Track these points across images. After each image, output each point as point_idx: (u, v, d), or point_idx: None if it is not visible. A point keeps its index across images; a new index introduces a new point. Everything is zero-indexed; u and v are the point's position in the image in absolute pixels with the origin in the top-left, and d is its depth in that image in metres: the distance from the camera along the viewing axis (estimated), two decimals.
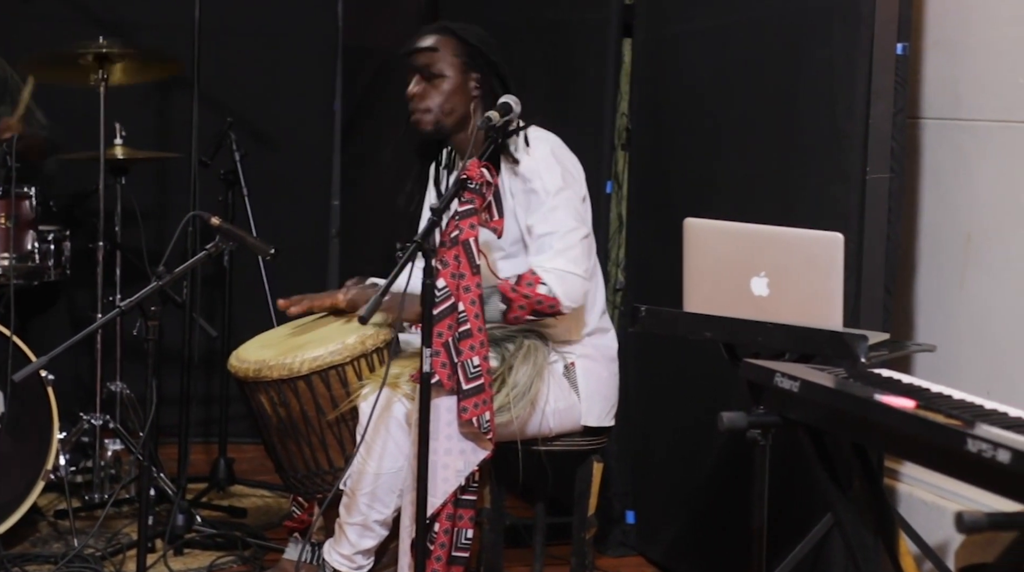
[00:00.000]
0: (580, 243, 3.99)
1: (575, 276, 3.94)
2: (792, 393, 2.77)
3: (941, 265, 4.49)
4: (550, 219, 3.98)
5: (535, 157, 4.02)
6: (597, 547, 4.80)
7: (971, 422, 2.40)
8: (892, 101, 3.98)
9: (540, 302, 3.92)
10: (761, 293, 3.57)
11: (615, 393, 4.23)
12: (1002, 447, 2.25)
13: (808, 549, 3.95)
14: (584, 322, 4.15)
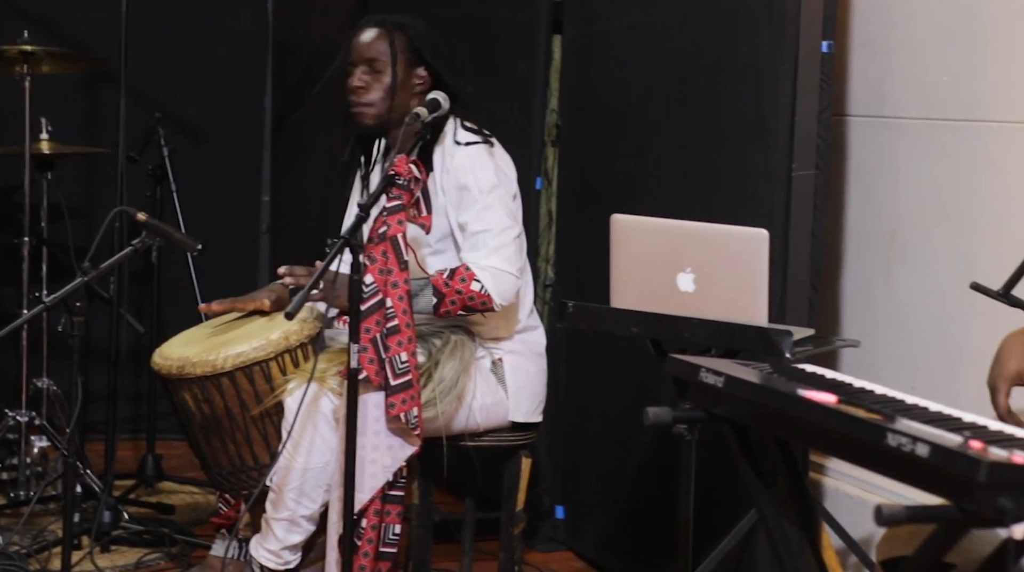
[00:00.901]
0: (513, 242, 3.99)
1: (508, 274, 3.95)
2: (717, 388, 2.78)
3: (866, 261, 4.53)
4: (484, 217, 3.98)
5: (469, 153, 4.02)
6: (526, 542, 4.81)
7: (891, 416, 2.42)
8: (818, 99, 4.01)
9: (472, 298, 3.92)
10: (687, 289, 3.59)
11: (543, 389, 4.23)
12: (921, 441, 2.26)
13: (734, 543, 3.98)
14: (513, 320, 4.16)
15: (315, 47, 6.20)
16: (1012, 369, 2.95)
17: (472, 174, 4.00)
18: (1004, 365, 2.96)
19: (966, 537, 2.65)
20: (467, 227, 3.99)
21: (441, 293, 3.89)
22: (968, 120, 4.13)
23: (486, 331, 4.14)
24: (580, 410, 4.90)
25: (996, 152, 4.04)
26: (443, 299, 3.90)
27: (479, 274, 3.92)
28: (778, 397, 2.64)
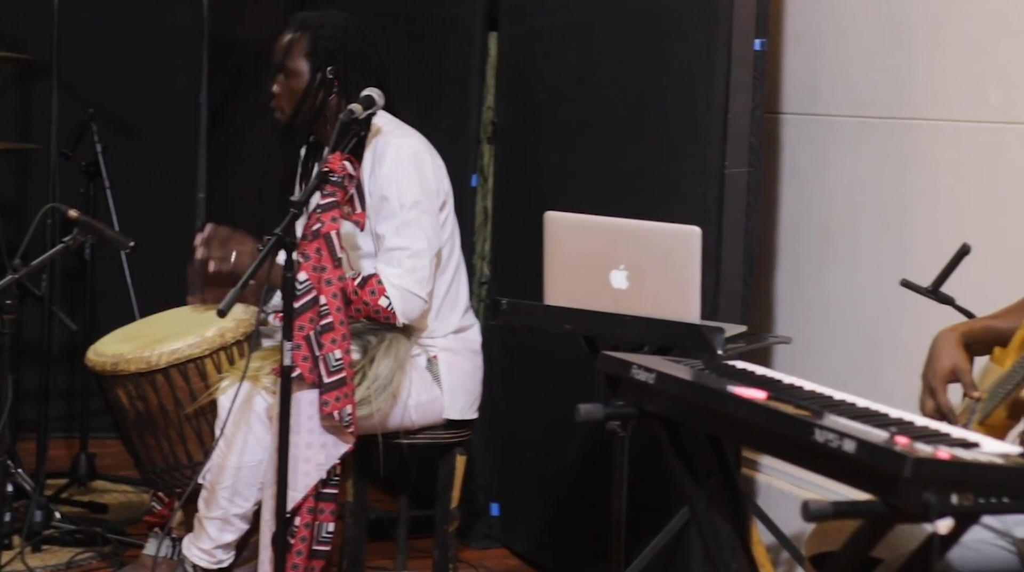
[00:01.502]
0: (429, 264, 3.99)
1: (418, 298, 3.96)
2: (648, 385, 2.78)
3: (800, 258, 4.56)
4: (403, 234, 3.97)
5: (394, 163, 4.00)
6: (461, 539, 4.81)
7: (819, 412, 2.43)
8: (751, 96, 4.03)
9: (378, 312, 3.93)
10: (620, 286, 3.60)
11: (478, 386, 4.23)
12: (848, 437, 2.27)
13: (667, 539, 3.99)
14: (448, 319, 4.15)
15: (251, 43, 6.17)
16: (946, 367, 2.97)
17: (395, 186, 3.98)
18: (938, 364, 2.99)
19: (893, 532, 2.68)
20: (384, 240, 3.98)
21: (349, 300, 3.89)
22: (899, 118, 4.16)
23: (421, 329, 4.14)
24: (515, 407, 4.90)
25: (926, 150, 4.08)
26: (349, 305, 3.90)
27: (390, 291, 3.91)
28: (708, 394, 2.65)
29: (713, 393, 2.63)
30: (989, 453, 2.29)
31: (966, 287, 3.59)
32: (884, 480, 2.22)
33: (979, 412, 2.90)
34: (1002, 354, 2.94)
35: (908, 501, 2.18)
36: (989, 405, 2.86)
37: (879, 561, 2.78)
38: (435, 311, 4.11)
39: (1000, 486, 2.23)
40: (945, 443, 2.31)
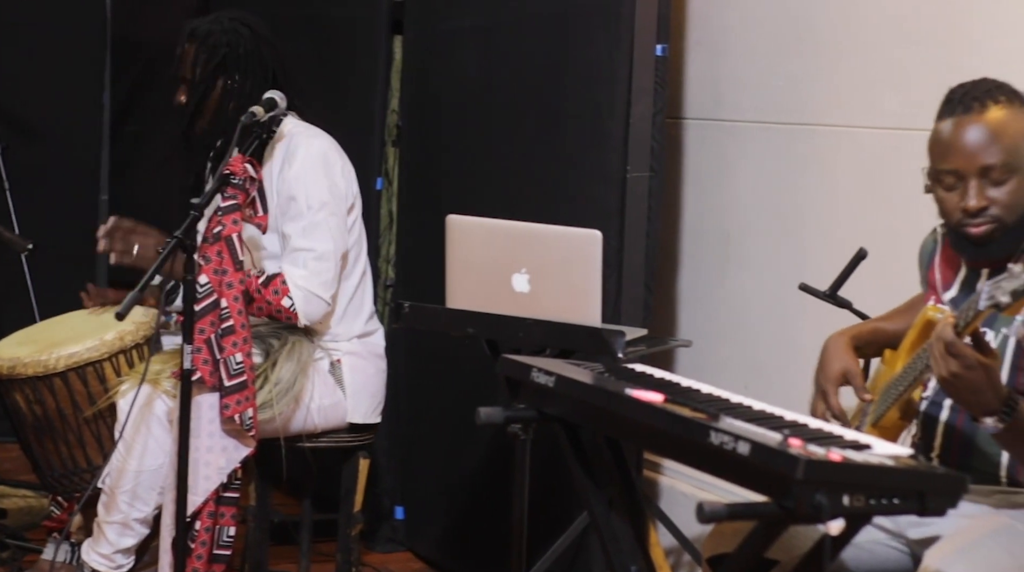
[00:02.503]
0: (334, 267, 3.98)
1: (321, 300, 3.95)
2: (548, 388, 2.80)
3: (702, 263, 4.59)
4: (310, 235, 3.96)
5: (304, 164, 4.00)
6: (366, 543, 4.80)
7: (715, 415, 2.45)
8: (652, 101, 4.06)
9: (280, 311, 3.92)
10: (522, 289, 3.61)
11: (382, 390, 4.23)
12: (742, 439, 2.30)
13: (569, 542, 4.01)
14: (352, 323, 4.15)
15: (155, 44, 6.12)
16: (837, 370, 3.01)
17: (304, 187, 3.97)
18: (829, 367, 3.02)
19: (789, 533, 2.70)
20: (291, 240, 3.97)
21: (252, 298, 3.87)
22: (799, 124, 4.21)
23: (323, 331, 4.12)
24: (420, 411, 4.90)
25: (825, 155, 4.13)
26: (252, 303, 3.88)
27: (293, 292, 3.90)
28: (607, 396, 2.67)
29: (611, 396, 2.65)
30: (880, 455, 2.33)
31: (863, 291, 3.63)
32: (777, 482, 2.25)
33: (872, 414, 2.94)
34: (892, 356, 2.98)
35: (800, 502, 2.21)
36: (881, 407, 2.90)
37: (775, 562, 2.81)
38: (340, 315, 4.11)
39: (891, 487, 2.26)
40: (837, 445, 2.34)
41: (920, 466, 2.30)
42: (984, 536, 2.70)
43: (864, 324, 3.20)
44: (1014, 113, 2.77)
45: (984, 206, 2.78)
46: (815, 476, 2.20)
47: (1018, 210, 2.77)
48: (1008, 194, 2.77)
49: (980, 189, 2.78)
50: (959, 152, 2.79)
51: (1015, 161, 2.76)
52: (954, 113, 2.80)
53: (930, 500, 2.27)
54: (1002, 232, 2.78)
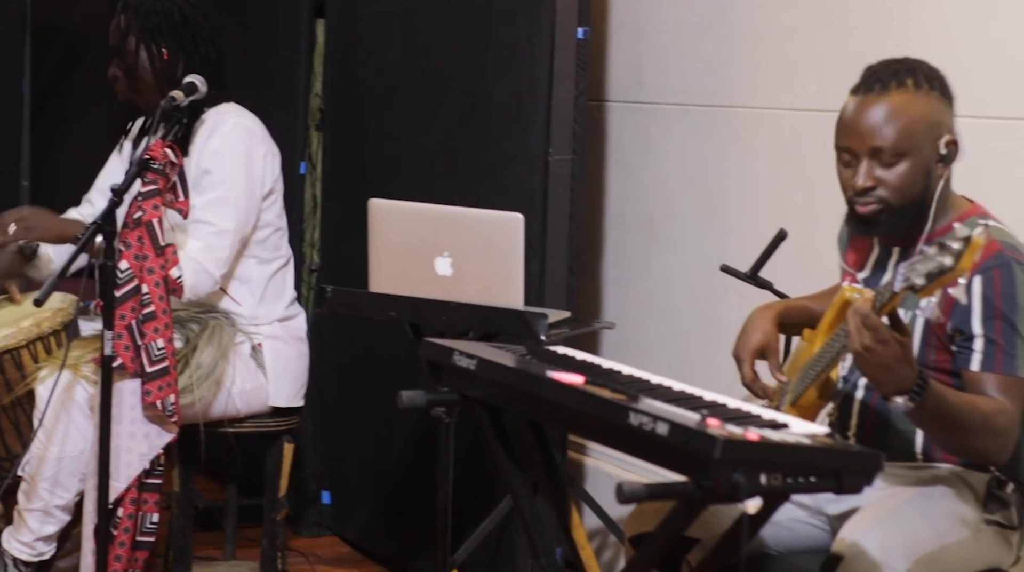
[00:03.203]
0: (231, 246, 3.97)
1: (210, 277, 3.93)
2: (470, 371, 2.80)
3: (626, 245, 4.61)
4: (215, 209, 3.94)
5: (225, 140, 3.98)
6: (292, 528, 4.79)
7: (635, 396, 2.46)
8: (574, 84, 4.06)
9: (166, 281, 3.90)
10: (445, 273, 3.60)
11: (304, 373, 4.22)
12: (661, 420, 2.31)
13: (495, 525, 4.01)
14: (273, 307, 4.14)
15: (77, 28, 6.06)
16: (755, 342, 3.04)
17: (220, 162, 3.96)
18: (748, 338, 3.06)
19: (710, 512, 2.73)
20: (194, 211, 3.95)
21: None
22: (719, 106, 4.23)
23: (246, 316, 4.11)
24: (346, 395, 4.89)
25: (745, 137, 4.15)
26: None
27: (183, 262, 3.88)
28: (528, 379, 2.68)
29: (533, 378, 2.66)
30: (797, 434, 2.35)
31: (784, 271, 3.66)
32: (696, 462, 2.26)
33: (791, 393, 2.96)
34: (811, 335, 3.01)
35: (718, 482, 2.23)
36: (800, 386, 2.92)
37: (697, 541, 2.83)
38: (259, 298, 4.10)
39: (807, 466, 2.29)
40: (755, 425, 2.36)
41: (836, 444, 2.33)
42: (901, 504, 2.74)
43: (793, 301, 3.23)
44: (917, 98, 2.80)
45: (871, 186, 2.83)
46: (732, 455, 2.22)
47: (906, 194, 2.82)
48: (897, 177, 2.81)
49: (869, 169, 2.83)
50: (854, 131, 2.84)
51: (906, 146, 2.79)
52: (859, 91, 2.85)
53: (846, 478, 2.30)
54: (888, 214, 2.83)
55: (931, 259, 2.43)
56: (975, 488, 2.82)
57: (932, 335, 2.80)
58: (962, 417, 2.65)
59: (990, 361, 2.73)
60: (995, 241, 2.77)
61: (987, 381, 2.73)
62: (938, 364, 2.80)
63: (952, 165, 2.86)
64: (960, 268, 2.40)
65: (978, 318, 2.74)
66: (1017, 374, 2.73)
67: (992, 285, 2.74)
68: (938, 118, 2.81)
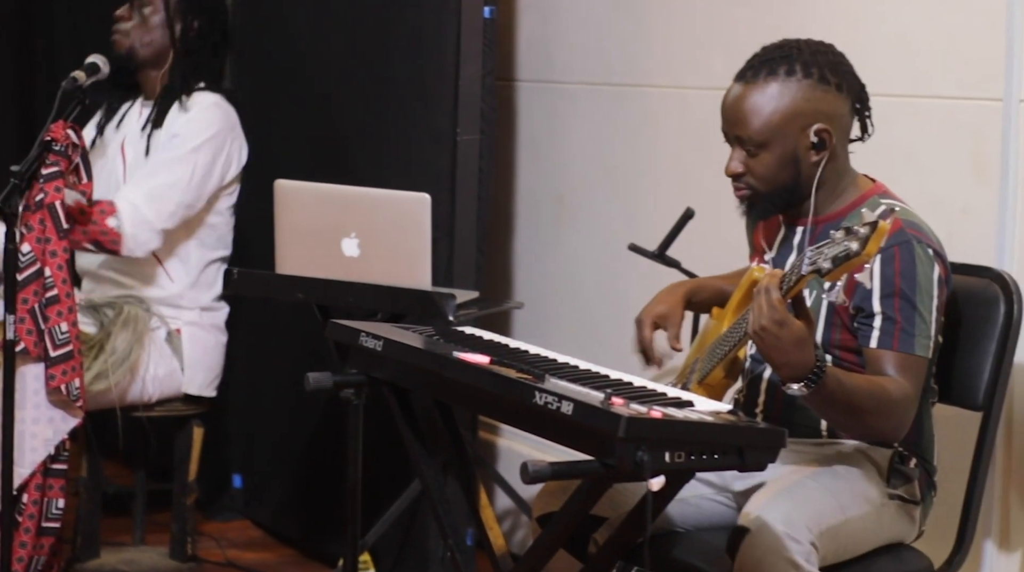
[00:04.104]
0: (177, 206, 3.94)
1: (152, 229, 3.90)
2: (376, 352, 2.79)
3: (536, 225, 4.61)
4: (169, 166, 3.94)
5: (204, 114, 4.02)
6: (204, 513, 4.76)
7: (541, 376, 2.46)
8: (481, 63, 4.05)
9: (105, 234, 3.86)
10: (352, 254, 3.58)
11: (220, 364, 4.20)
12: (566, 399, 2.31)
13: (405, 507, 4.00)
14: (200, 297, 4.12)
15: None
16: (659, 311, 3.07)
17: (191, 127, 4.00)
18: (653, 306, 3.09)
19: (617, 490, 2.74)
20: (148, 163, 3.94)
21: (74, 218, 3.81)
22: (629, 85, 4.23)
23: (164, 300, 4.07)
24: (257, 378, 4.85)
25: (654, 116, 4.15)
26: (75, 226, 3.82)
27: (121, 210, 3.85)
28: (434, 359, 2.67)
29: (439, 359, 2.65)
30: (701, 412, 2.36)
31: (692, 250, 3.67)
32: (600, 440, 2.27)
33: (698, 372, 2.97)
34: (720, 314, 3.02)
35: (622, 460, 2.23)
36: (708, 365, 2.93)
37: (604, 519, 2.84)
38: (192, 281, 4.08)
39: (710, 443, 2.30)
40: (659, 403, 2.37)
41: (739, 422, 2.34)
42: (805, 479, 2.76)
43: (707, 279, 3.24)
44: (786, 88, 2.81)
45: (740, 173, 2.86)
46: (636, 434, 2.22)
47: (772, 182, 2.85)
48: (761, 167, 2.85)
49: (739, 156, 2.88)
50: (724, 117, 2.90)
51: (765, 137, 2.82)
52: (737, 76, 2.88)
53: (749, 455, 2.31)
54: (759, 198, 2.88)
55: (838, 244, 2.44)
56: (878, 464, 2.84)
57: (836, 316, 2.82)
58: (857, 400, 2.66)
59: (888, 338, 2.75)
60: (898, 219, 2.79)
61: (885, 358, 2.74)
62: (843, 343, 2.81)
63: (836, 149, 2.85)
64: (866, 253, 2.41)
65: (878, 296, 2.76)
66: (915, 352, 2.75)
67: (892, 263, 2.75)
68: (810, 107, 2.81)
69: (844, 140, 2.88)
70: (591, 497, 2.44)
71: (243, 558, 4.49)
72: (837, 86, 2.84)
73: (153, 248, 3.96)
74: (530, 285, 4.63)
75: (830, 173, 2.86)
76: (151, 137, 4.05)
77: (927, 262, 2.77)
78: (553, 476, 2.28)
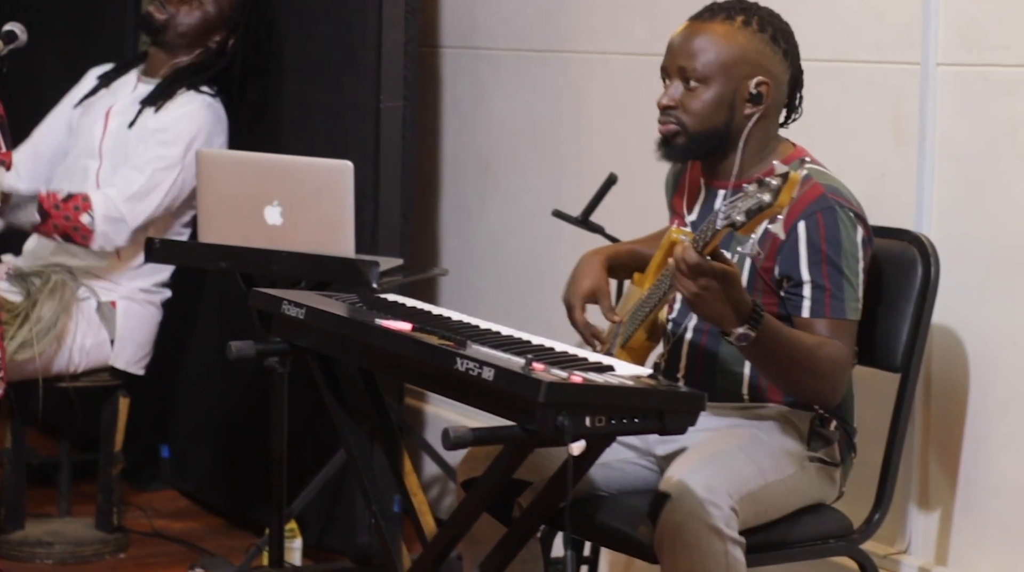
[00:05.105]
0: (156, 207, 3.96)
1: (127, 229, 3.90)
2: (299, 320, 2.78)
3: (462, 192, 4.61)
4: (159, 167, 3.93)
5: (191, 111, 4.04)
6: (130, 483, 4.73)
7: (463, 342, 2.47)
8: (403, 30, 4.04)
9: (77, 229, 3.85)
10: (275, 222, 3.57)
11: (150, 342, 4.19)
12: (487, 365, 2.32)
13: (331, 475, 4.00)
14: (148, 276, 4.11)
15: None
16: (585, 287, 3.05)
17: (179, 125, 4.02)
18: (578, 283, 3.07)
19: (540, 455, 2.75)
20: (132, 157, 3.92)
21: (47, 214, 3.79)
22: (552, 51, 4.23)
23: (106, 273, 4.05)
24: (184, 348, 4.83)
25: (578, 82, 4.16)
26: (47, 221, 3.80)
27: (96, 206, 3.83)
28: (356, 327, 2.67)
29: (361, 326, 2.65)
30: (621, 376, 2.37)
31: (616, 215, 3.68)
32: (521, 406, 2.28)
33: (621, 336, 2.99)
34: (641, 278, 3.03)
35: (543, 425, 2.25)
36: (630, 328, 2.95)
37: (529, 484, 2.85)
38: (140, 264, 4.06)
39: (631, 407, 2.31)
40: (580, 368, 2.37)
41: (659, 386, 2.35)
42: (726, 445, 2.78)
43: (621, 245, 3.25)
44: (740, 34, 2.84)
45: (672, 106, 2.87)
46: (557, 398, 2.23)
47: (704, 121, 2.85)
48: (697, 102, 2.85)
49: (675, 90, 2.88)
50: (670, 50, 2.91)
51: (710, 72, 2.83)
52: (692, 17, 2.90)
53: (669, 418, 2.33)
54: (685, 138, 2.88)
55: (751, 197, 2.47)
56: (799, 427, 2.87)
57: (759, 279, 2.84)
58: (796, 352, 2.70)
59: (819, 306, 2.77)
60: (818, 185, 2.81)
61: (818, 326, 2.77)
62: (766, 308, 2.83)
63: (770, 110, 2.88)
64: (778, 204, 2.44)
65: (805, 263, 2.78)
66: (846, 317, 2.78)
67: (817, 229, 2.78)
68: (757, 59, 2.84)
69: (778, 105, 2.91)
70: (513, 462, 2.45)
71: (170, 528, 4.48)
72: (784, 52, 2.88)
73: (120, 245, 3.96)
74: (456, 252, 4.63)
75: (758, 132, 2.88)
76: (140, 114, 4.02)
77: (850, 225, 2.79)
78: (474, 442, 2.29)
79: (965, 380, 3.12)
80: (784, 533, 2.84)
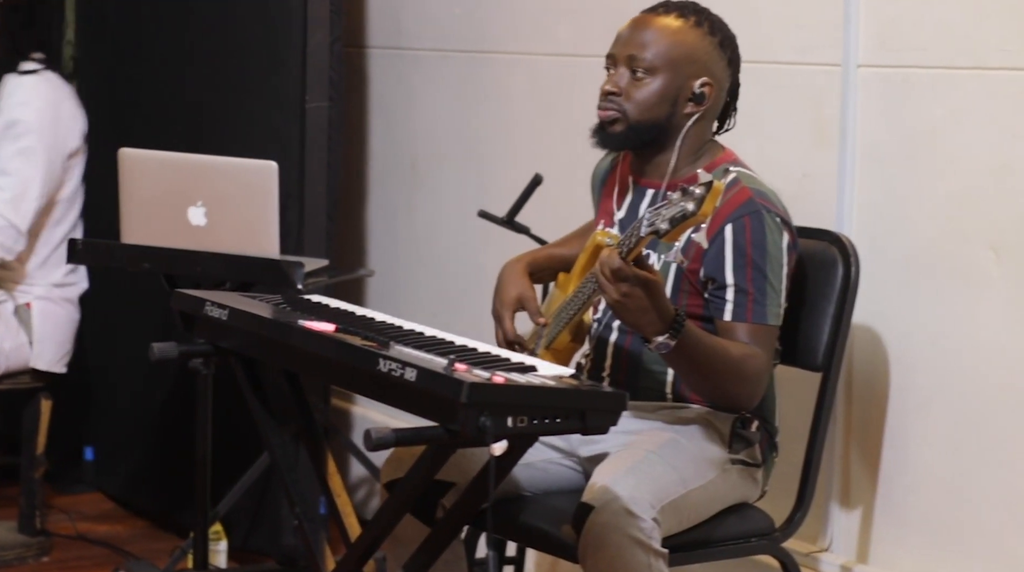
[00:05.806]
0: (39, 198, 3.92)
1: (17, 233, 3.87)
2: (222, 322, 2.77)
3: (389, 192, 4.60)
4: (24, 158, 3.88)
5: (33, 93, 3.94)
6: (54, 486, 4.70)
7: (386, 343, 2.46)
8: (329, 30, 4.03)
9: None
10: (199, 223, 3.55)
11: (70, 340, 4.16)
12: (410, 366, 2.32)
13: (257, 476, 3.99)
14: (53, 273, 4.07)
15: None
16: (512, 295, 3.05)
17: (26, 111, 3.91)
18: (504, 293, 3.07)
19: (463, 456, 2.75)
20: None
21: None
22: (478, 51, 4.23)
23: (15, 277, 4.02)
24: (109, 350, 4.80)
25: (503, 83, 4.17)
26: None
27: None
28: (279, 328, 2.66)
29: (284, 327, 2.64)
30: (544, 376, 2.38)
31: (541, 216, 3.68)
32: (444, 406, 2.28)
33: (545, 337, 2.99)
34: (565, 280, 3.04)
35: (465, 426, 2.25)
36: (554, 330, 2.95)
37: (452, 484, 2.85)
38: (42, 260, 4.04)
39: (552, 407, 2.32)
40: (502, 369, 2.38)
41: (581, 386, 2.36)
42: (649, 452, 2.78)
43: (540, 250, 3.25)
44: (691, 32, 2.86)
45: (615, 92, 2.88)
46: (479, 399, 2.24)
47: (645, 112, 2.86)
48: (642, 92, 2.86)
49: (620, 77, 2.88)
50: (619, 39, 2.91)
51: (658, 64, 2.85)
52: (645, 10, 2.92)
53: (591, 418, 2.34)
54: (623, 126, 2.88)
55: (675, 205, 2.48)
56: (721, 429, 2.88)
57: (685, 281, 2.85)
58: (715, 360, 2.71)
59: (741, 310, 2.79)
60: (746, 188, 2.83)
61: (739, 330, 2.78)
62: (690, 309, 2.84)
63: (709, 112, 2.89)
64: (702, 213, 2.45)
65: (730, 267, 2.79)
66: (767, 322, 2.80)
67: (743, 233, 2.79)
68: (704, 60, 2.86)
69: (716, 109, 2.93)
70: (435, 463, 2.45)
71: (94, 531, 4.45)
72: (729, 60, 2.91)
73: (20, 250, 3.93)
74: (383, 253, 4.63)
75: (695, 133, 2.89)
76: None
77: (776, 230, 2.81)
78: (397, 442, 2.28)
79: (886, 379, 3.15)
80: (707, 533, 2.85)
